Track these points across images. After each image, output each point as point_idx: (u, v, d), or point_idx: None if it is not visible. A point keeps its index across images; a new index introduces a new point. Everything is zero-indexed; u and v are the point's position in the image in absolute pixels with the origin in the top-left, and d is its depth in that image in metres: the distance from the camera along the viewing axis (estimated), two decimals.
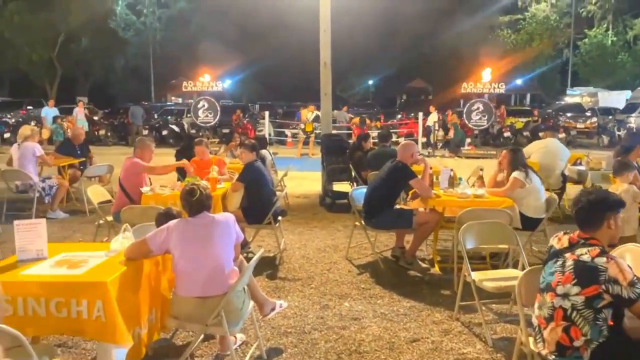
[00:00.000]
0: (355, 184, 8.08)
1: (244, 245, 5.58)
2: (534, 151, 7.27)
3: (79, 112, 17.03)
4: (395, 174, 5.11)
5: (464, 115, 15.22)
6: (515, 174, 5.10)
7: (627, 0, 36.56)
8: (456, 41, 38.03)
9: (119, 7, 40.49)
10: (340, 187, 8.43)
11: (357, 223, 5.47)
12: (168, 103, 35.95)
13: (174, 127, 17.83)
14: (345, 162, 8.29)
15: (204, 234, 3.06)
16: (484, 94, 16.02)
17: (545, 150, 7.17)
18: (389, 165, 5.22)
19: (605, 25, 37.94)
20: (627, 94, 26.83)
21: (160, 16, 43.84)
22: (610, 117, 20.51)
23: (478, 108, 14.98)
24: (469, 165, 13.33)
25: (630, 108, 20.88)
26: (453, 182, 5.35)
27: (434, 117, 17.76)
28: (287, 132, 18.46)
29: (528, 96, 34.33)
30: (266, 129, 16.67)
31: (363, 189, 5.61)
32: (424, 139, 16.60)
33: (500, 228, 4.12)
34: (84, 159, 8.40)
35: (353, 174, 8.06)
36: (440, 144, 15.99)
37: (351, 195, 5.49)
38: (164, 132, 17.66)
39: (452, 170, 5.42)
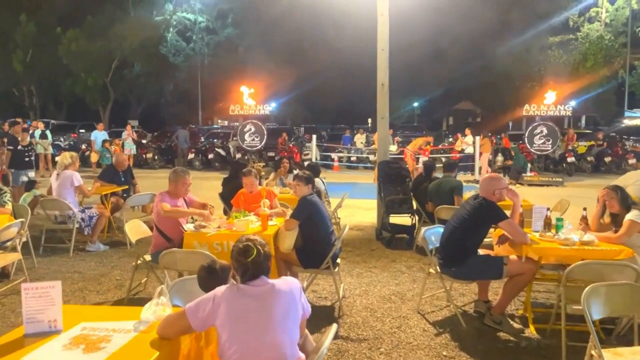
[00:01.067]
0: (416, 217, 7.18)
1: None
2: (629, 184, 6.15)
3: (127, 136, 16.86)
4: (480, 213, 4.20)
5: (525, 139, 14.01)
6: (632, 215, 4.12)
7: None
8: (505, 63, 36.78)
9: (169, 34, 41.45)
10: (398, 219, 7.53)
11: (431, 270, 4.56)
12: (214, 126, 36.18)
13: (220, 150, 17.41)
14: (405, 193, 7.40)
15: (261, 309, 2.26)
16: (534, 116, 14.82)
17: None
18: (471, 203, 4.32)
19: None
20: None
21: (208, 42, 44.67)
22: None
23: (542, 132, 13.75)
24: (533, 193, 12.17)
25: None
26: (550, 222, 4.38)
27: (469, 140, 16.84)
28: (334, 155, 17.70)
29: (583, 118, 32.49)
30: (313, 152, 15.97)
31: (437, 229, 4.72)
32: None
33: (633, 291, 3.15)
34: (127, 187, 7.85)
35: (415, 206, 7.17)
36: (500, 170, 14.80)
37: (423, 236, 4.60)
38: (210, 156, 17.26)
39: (549, 209, 4.45)
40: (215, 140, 20.16)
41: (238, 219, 4.88)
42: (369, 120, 39.08)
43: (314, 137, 15.95)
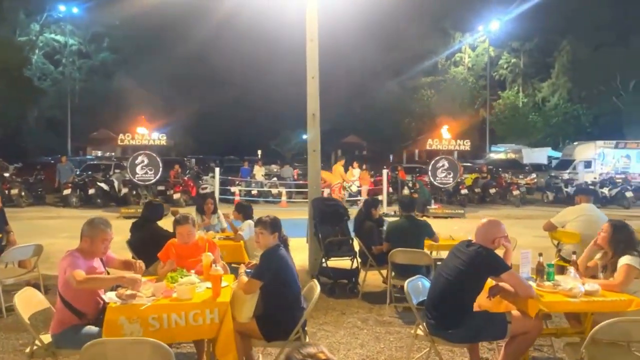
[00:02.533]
0: (358, 260, 6.47)
1: None
2: (569, 220, 6.09)
3: None
4: (479, 264, 3.59)
5: (429, 172, 14.22)
6: (628, 259, 3.79)
7: (534, 65, 39.20)
8: (383, 100, 38.74)
9: (35, 56, 37.28)
10: (336, 263, 6.76)
11: (419, 332, 3.82)
12: (88, 157, 32.81)
13: (102, 185, 15.30)
14: (344, 233, 6.69)
15: None
16: (413, 151, 15.22)
17: (584, 218, 6.00)
18: (464, 251, 3.69)
19: (516, 88, 40.28)
20: (548, 150, 27.82)
21: (80, 66, 41.04)
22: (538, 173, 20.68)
23: (443, 165, 14.09)
24: (440, 225, 12.17)
25: (562, 164, 21.26)
26: (543, 269, 3.91)
27: (356, 173, 17.03)
28: (234, 189, 16.49)
29: (455, 153, 34.98)
30: (216, 186, 14.56)
31: (422, 281, 4.04)
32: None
33: None
34: None
35: (357, 248, 6.46)
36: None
37: (407, 289, 3.86)
38: (91, 191, 15.05)
39: (541, 254, 3.98)
40: (90, 172, 17.76)
41: (176, 281, 3.75)
42: (259, 152, 38.31)
43: (217, 169, 14.60)
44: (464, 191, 15.48)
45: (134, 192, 15.15)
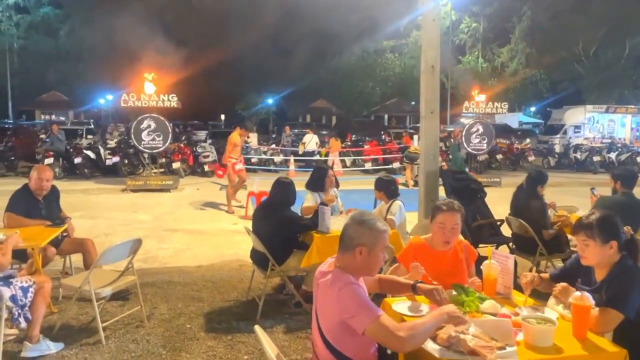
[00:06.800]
0: (510, 246, 5.24)
1: None
2: None
3: None
4: None
5: (463, 138, 13.04)
6: None
7: (493, 30, 38.90)
8: (347, 63, 37.26)
9: None
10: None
11: None
12: (37, 121, 29.28)
13: (89, 152, 13.01)
14: (481, 212, 5.42)
15: None
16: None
17: None
18: None
19: (476, 53, 39.93)
20: (519, 115, 27.71)
21: (18, 22, 36.28)
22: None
23: (477, 130, 12.96)
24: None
25: (551, 129, 20.99)
26: None
27: (307, 139, 15.96)
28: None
29: (409, 117, 34.34)
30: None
31: None
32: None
33: None
34: (64, 226, 4.31)
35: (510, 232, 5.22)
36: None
37: None
38: (77, 160, 12.75)
39: None
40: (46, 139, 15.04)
41: (472, 309, 2.34)
42: (222, 117, 35.63)
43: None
44: (481, 157, 14.51)
45: (126, 161, 13.06)
